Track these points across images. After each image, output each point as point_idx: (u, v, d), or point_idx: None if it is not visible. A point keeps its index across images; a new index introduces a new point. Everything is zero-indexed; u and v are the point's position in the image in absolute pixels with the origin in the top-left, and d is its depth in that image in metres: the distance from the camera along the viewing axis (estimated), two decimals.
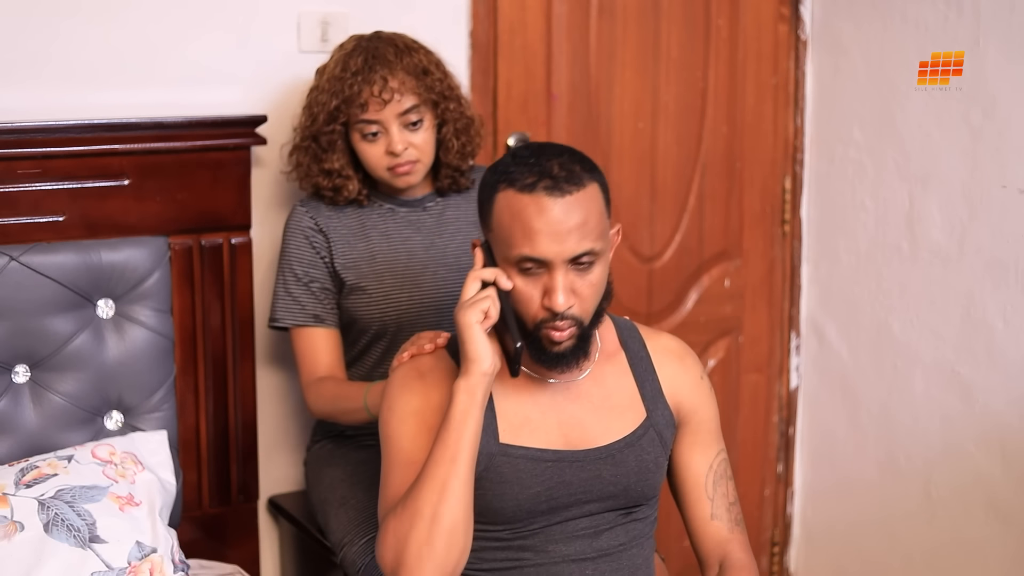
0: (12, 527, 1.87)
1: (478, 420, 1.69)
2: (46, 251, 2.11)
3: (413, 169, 2.22)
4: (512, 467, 1.76)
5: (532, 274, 1.69)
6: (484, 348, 1.69)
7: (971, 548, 2.68)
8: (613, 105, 2.84)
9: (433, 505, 1.66)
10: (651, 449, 1.81)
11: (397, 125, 2.18)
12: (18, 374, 2.12)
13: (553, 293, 1.68)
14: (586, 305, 1.72)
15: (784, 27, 2.99)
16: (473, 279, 1.72)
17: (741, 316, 3.07)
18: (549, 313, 1.69)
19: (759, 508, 3.15)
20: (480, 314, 1.69)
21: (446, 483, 1.66)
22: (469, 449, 1.68)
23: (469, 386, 1.69)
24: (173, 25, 2.32)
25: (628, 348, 1.87)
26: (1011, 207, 2.53)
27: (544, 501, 1.77)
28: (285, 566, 2.54)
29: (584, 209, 1.68)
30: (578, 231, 1.67)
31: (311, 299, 2.25)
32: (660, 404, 1.84)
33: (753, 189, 3.03)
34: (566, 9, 2.75)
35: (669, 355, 1.89)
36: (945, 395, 2.71)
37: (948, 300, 2.68)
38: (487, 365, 1.70)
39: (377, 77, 2.15)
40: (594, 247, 1.68)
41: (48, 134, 2.14)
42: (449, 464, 1.67)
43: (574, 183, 1.68)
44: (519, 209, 1.68)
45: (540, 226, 1.66)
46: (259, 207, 2.40)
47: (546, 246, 1.66)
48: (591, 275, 1.70)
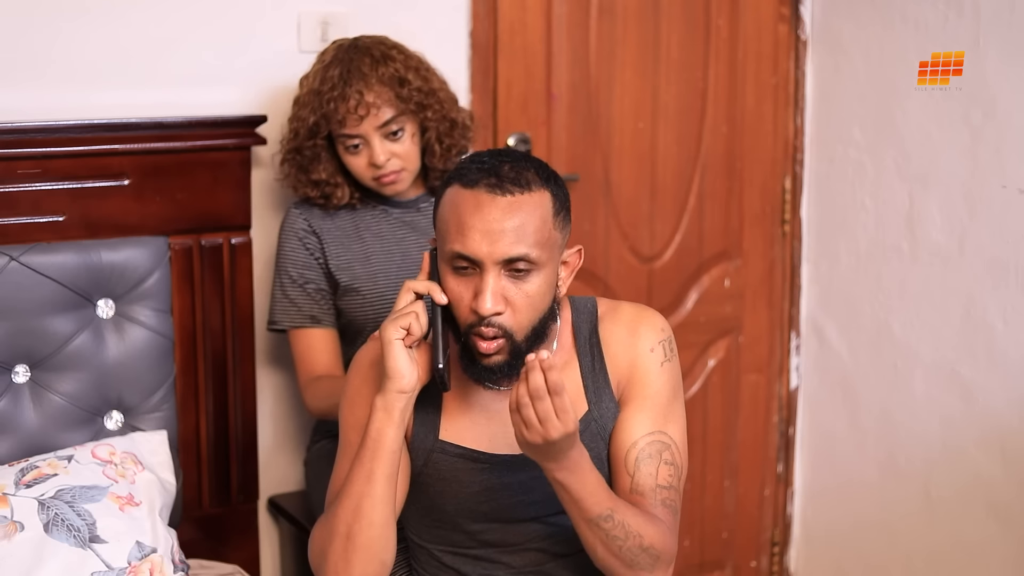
0: (12, 527, 1.87)
1: (394, 439, 1.66)
2: (46, 251, 2.11)
3: (398, 178, 2.22)
4: (449, 465, 1.75)
5: (465, 274, 1.64)
6: (404, 365, 1.65)
7: (971, 548, 2.68)
8: (613, 105, 2.84)
9: (348, 524, 1.65)
10: (592, 445, 1.73)
11: (378, 137, 2.17)
12: (18, 374, 2.12)
13: (480, 295, 1.61)
14: (519, 317, 1.64)
15: (784, 27, 2.99)
16: (405, 290, 1.69)
17: (741, 316, 3.07)
18: (476, 317, 1.63)
19: (759, 508, 3.15)
20: (400, 330, 1.65)
21: (360, 503, 1.65)
22: (385, 467, 1.65)
23: (386, 404, 1.66)
24: (173, 25, 2.32)
25: (579, 338, 1.78)
26: (1011, 207, 2.53)
27: (486, 501, 1.75)
28: (285, 566, 2.54)
29: (525, 213, 1.62)
30: (514, 233, 1.61)
31: (307, 300, 2.25)
32: (605, 396, 1.76)
33: (753, 189, 3.03)
34: (566, 9, 2.75)
35: (618, 332, 1.78)
36: (945, 395, 2.71)
37: (948, 300, 2.68)
38: (404, 383, 1.65)
39: (352, 92, 2.14)
40: (530, 253, 1.61)
41: (48, 134, 2.14)
42: (364, 483, 1.65)
43: (519, 185, 1.63)
44: (458, 203, 1.64)
45: (474, 223, 1.61)
46: (259, 207, 2.40)
47: (477, 244, 1.61)
48: (527, 285, 1.63)
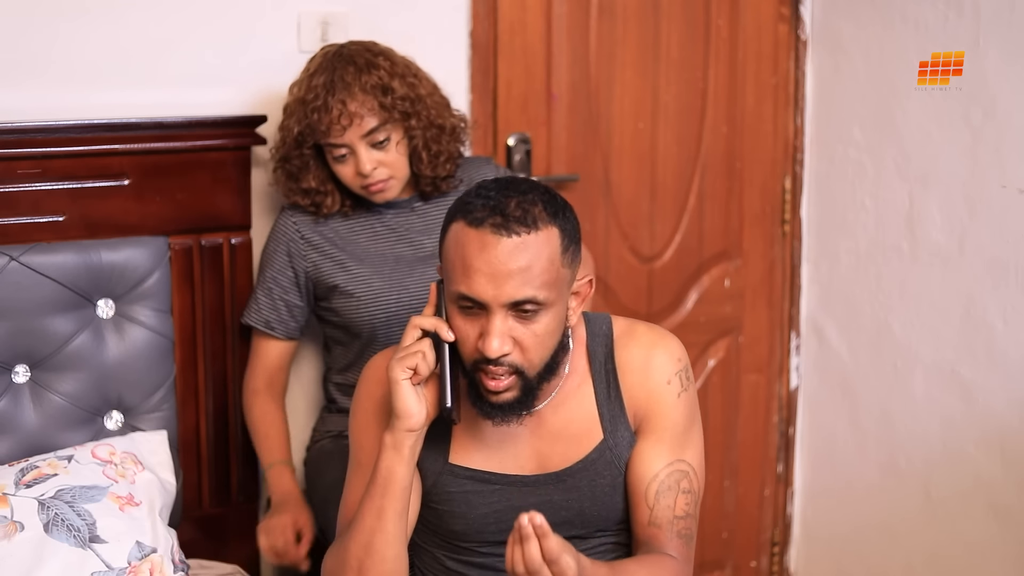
0: (12, 527, 1.87)
1: (405, 475, 1.65)
2: (46, 251, 2.12)
3: (386, 187, 2.21)
4: (459, 487, 1.74)
5: (471, 314, 1.61)
6: (412, 404, 1.64)
7: (971, 548, 2.68)
8: (613, 105, 2.84)
9: (359, 559, 1.65)
10: (607, 472, 1.73)
11: (363, 145, 2.16)
12: (18, 374, 2.12)
13: (487, 337, 1.58)
14: (529, 355, 1.62)
15: (784, 27, 2.99)
16: (411, 327, 1.66)
17: (741, 316, 3.07)
18: (483, 356, 1.60)
19: (759, 508, 3.15)
20: (407, 371, 1.63)
21: (372, 539, 1.65)
22: (395, 503, 1.65)
23: (395, 442, 1.65)
24: (173, 25, 2.32)
25: (594, 363, 1.76)
26: (1011, 207, 2.53)
27: (493, 523, 1.74)
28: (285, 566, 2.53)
29: (532, 254, 1.58)
30: (520, 276, 1.57)
31: (268, 304, 2.27)
32: (620, 424, 1.75)
33: (753, 189, 3.03)
34: (566, 9, 2.75)
35: (634, 361, 1.75)
36: (945, 395, 2.70)
37: (948, 300, 2.68)
38: (413, 422, 1.64)
39: (335, 102, 2.12)
40: (537, 295, 1.58)
41: (48, 134, 2.14)
42: (375, 519, 1.65)
43: (526, 225, 1.58)
44: (463, 243, 1.59)
45: (480, 265, 1.57)
46: (259, 207, 2.40)
47: (483, 287, 1.57)
48: (535, 325, 1.60)
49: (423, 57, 2.32)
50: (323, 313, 2.31)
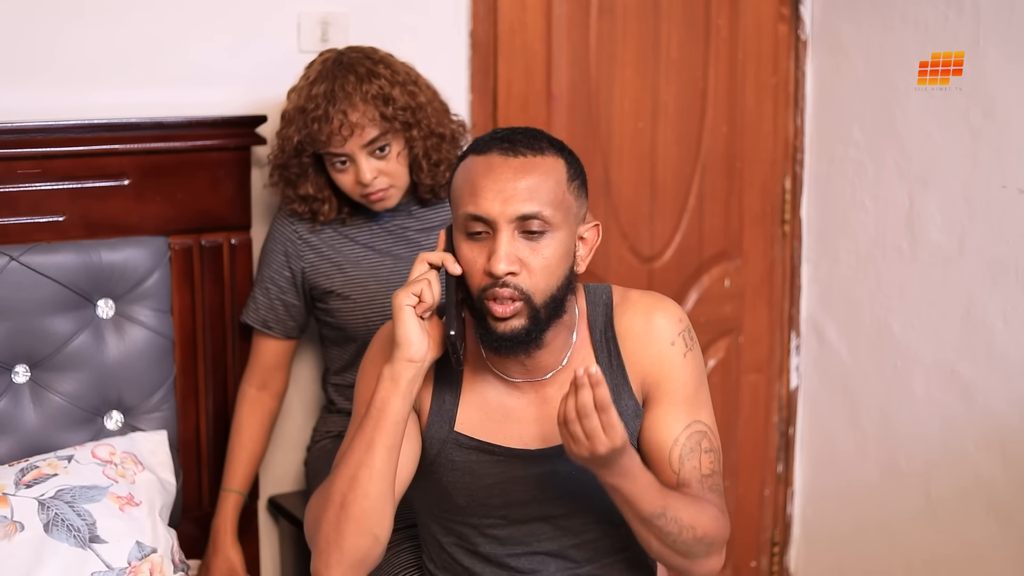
0: (12, 527, 1.87)
1: (399, 410, 1.63)
2: (46, 251, 2.12)
3: (387, 195, 2.19)
4: (463, 456, 1.73)
5: (479, 239, 1.63)
6: (414, 333, 1.63)
7: (971, 549, 2.68)
8: (613, 105, 2.84)
9: (342, 493, 1.62)
10: None
11: (364, 155, 2.14)
12: (18, 374, 2.12)
13: (494, 255, 1.60)
14: (535, 279, 1.62)
15: (784, 27, 2.99)
16: (419, 261, 1.67)
17: (741, 316, 3.07)
18: (491, 279, 1.61)
19: (759, 508, 3.15)
20: (412, 297, 1.63)
21: (357, 473, 1.61)
22: (386, 438, 1.62)
23: (393, 373, 1.63)
24: (173, 25, 2.32)
25: (594, 332, 1.76)
26: (1011, 207, 2.53)
27: (497, 495, 1.74)
28: (285, 566, 2.54)
29: (539, 174, 1.62)
30: (527, 191, 1.60)
31: (266, 304, 2.27)
32: (624, 393, 1.74)
33: (753, 189, 3.03)
34: (566, 9, 2.75)
35: (634, 328, 1.75)
36: (945, 395, 2.70)
37: (948, 300, 2.68)
38: (413, 351, 1.63)
39: (336, 112, 2.10)
40: (543, 211, 1.61)
41: (48, 134, 2.14)
42: (363, 453, 1.62)
43: (531, 148, 1.64)
44: (471, 168, 1.65)
45: (487, 183, 1.61)
46: (259, 207, 2.40)
47: (489, 203, 1.60)
48: (542, 248, 1.62)
49: (423, 57, 2.32)
50: (319, 314, 2.30)
